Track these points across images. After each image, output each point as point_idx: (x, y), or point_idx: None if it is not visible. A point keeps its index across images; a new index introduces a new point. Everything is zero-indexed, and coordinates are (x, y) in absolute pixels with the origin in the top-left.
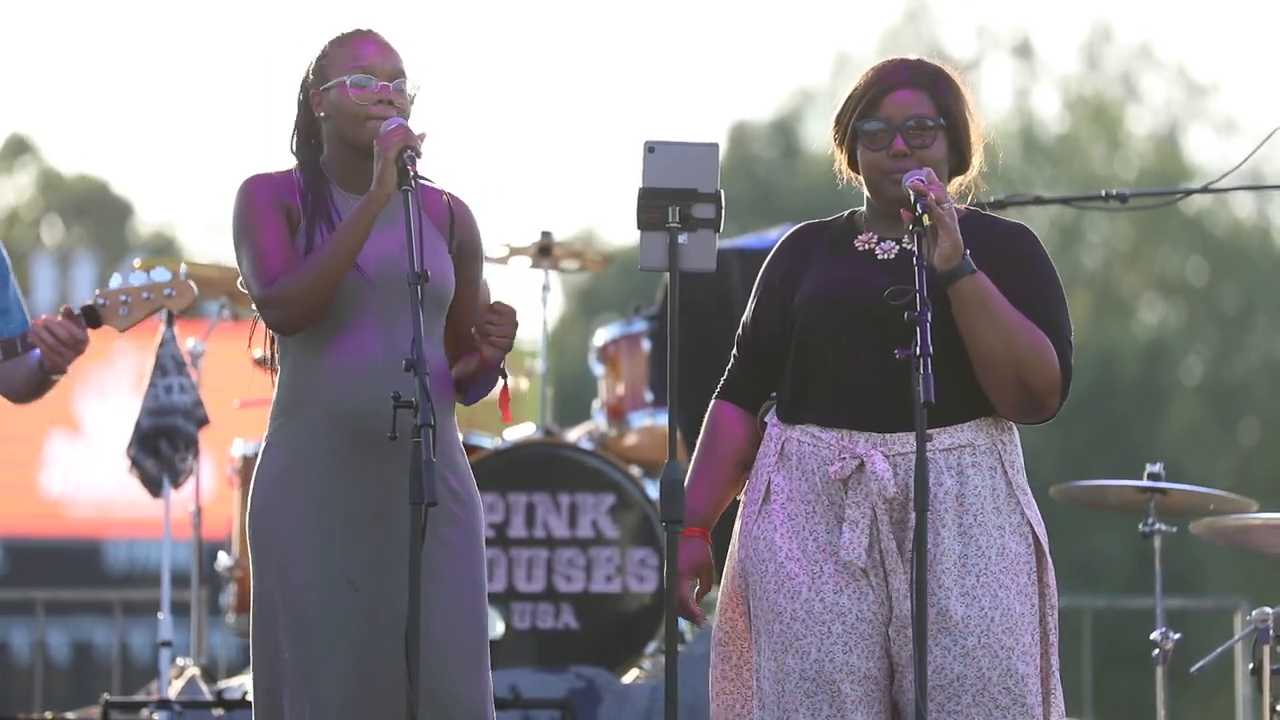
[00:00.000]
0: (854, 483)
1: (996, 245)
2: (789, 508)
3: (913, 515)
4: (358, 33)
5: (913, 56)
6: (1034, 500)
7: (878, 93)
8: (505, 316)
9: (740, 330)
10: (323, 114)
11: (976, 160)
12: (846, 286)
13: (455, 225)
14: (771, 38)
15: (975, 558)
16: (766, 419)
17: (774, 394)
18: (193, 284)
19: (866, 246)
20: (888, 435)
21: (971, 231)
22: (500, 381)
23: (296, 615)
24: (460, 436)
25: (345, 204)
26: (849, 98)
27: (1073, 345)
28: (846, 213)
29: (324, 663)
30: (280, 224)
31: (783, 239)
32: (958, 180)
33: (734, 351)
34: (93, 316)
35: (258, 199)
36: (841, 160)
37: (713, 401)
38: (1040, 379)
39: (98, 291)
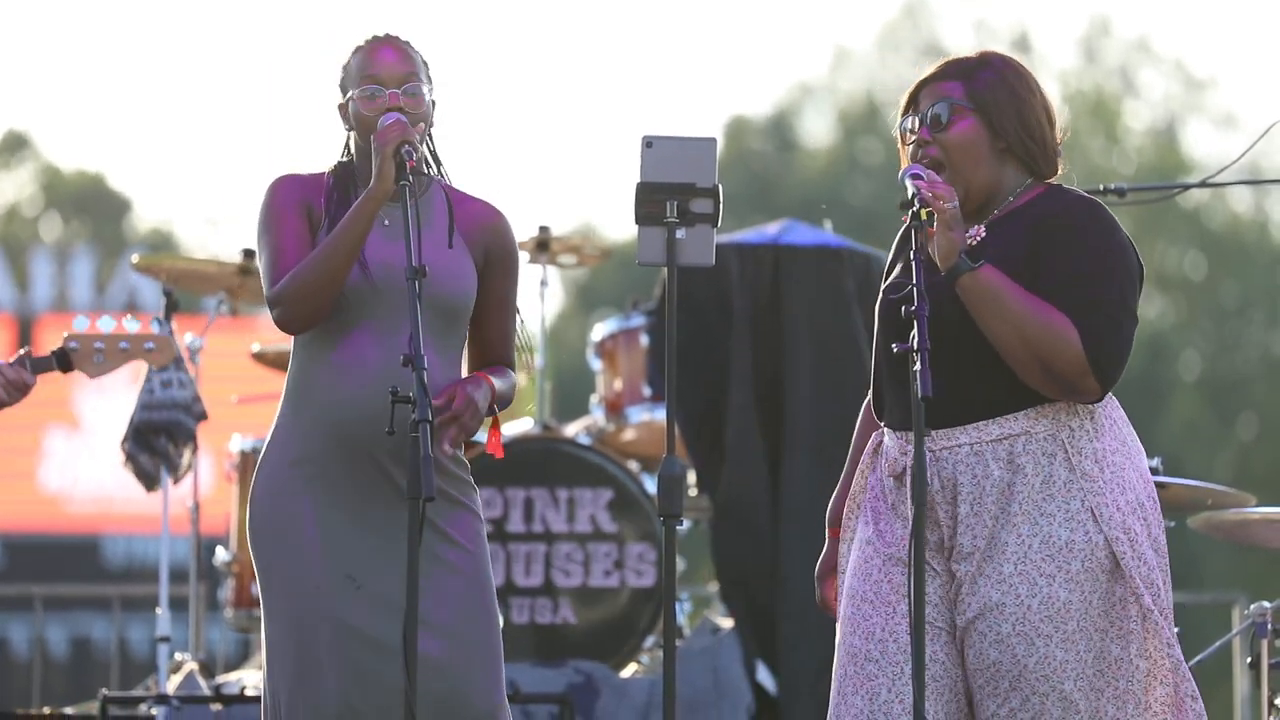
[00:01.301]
0: (903, 483)
1: (1057, 223)
2: (873, 505)
3: (961, 509)
4: (374, 40)
5: (973, 53)
6: (1116, 485)
7: (914, 90)
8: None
9: None
10: (348, 126)
11: (1052, 148)
12: (895, 282)
13: (483, 234)
14: (769, 32)
15: (1014, 546)
16: None
17: None
18: (175, 342)
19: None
20: (935, 431)
21: (1035, 210)
22: (490, 420)
23: (304, 614)
24: None
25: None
26: (903, 98)
27: (1118, 320)
28: None
29: (325, 663)
30: (299, 223)
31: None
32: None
33: None
34: (64, 360)
35: (281, 198)
36: (903, 160)
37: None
38: (1061, 362)
39: (67, 334)
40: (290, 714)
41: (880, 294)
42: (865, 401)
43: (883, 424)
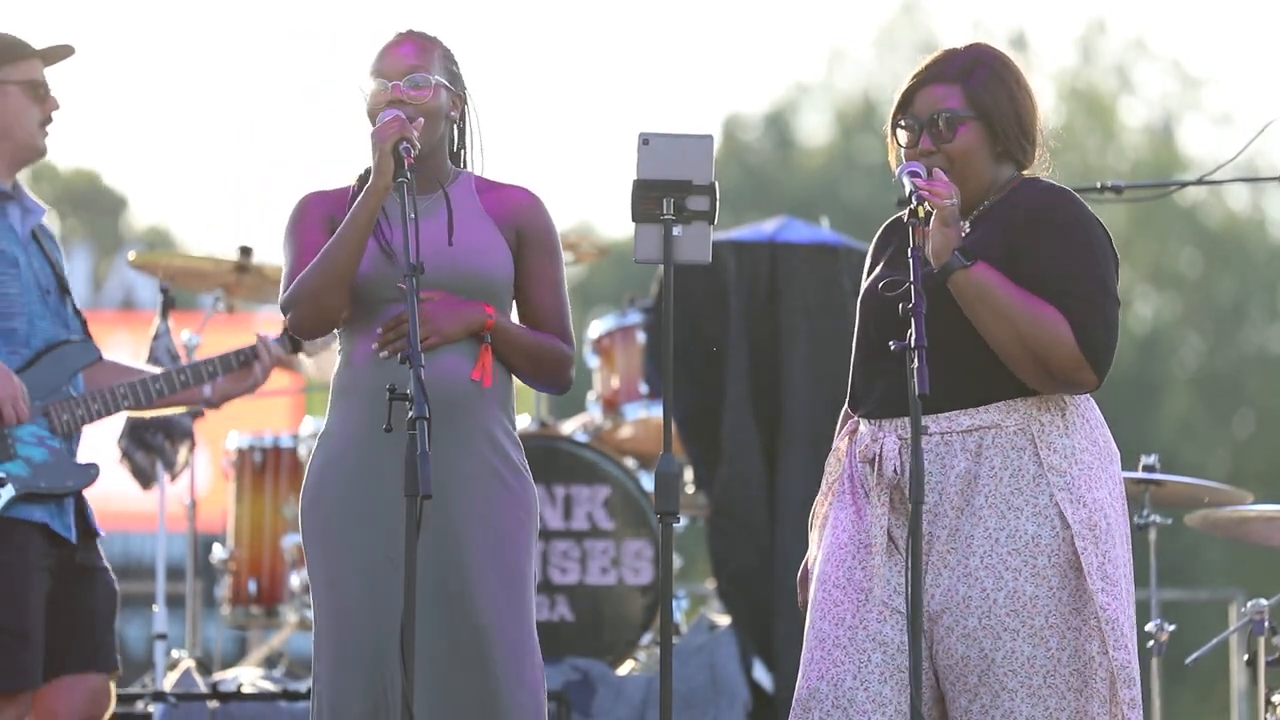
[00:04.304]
0: (875, 468)
1: (1032, 215)
2: (841, 498)
3: (925, 498)
4: (394, 37)
5: (961, 45)
6: (1084, 482)
7: (910, 89)
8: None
9: None
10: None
11: (1037, 141)
12: (890, 279)
13: (515, 215)
14: (766, 30)
15: (980, 539)
16: None
17: None
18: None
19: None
20: (907, 418)
21: (1009, 202)
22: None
23: (339, 600)
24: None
25: (393, 207)
26: (896, 95)
27: (1105, 308)
28: None
29: (357, 655)
30: (319, 237)
31: (876, 236)
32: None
33: None
34: (296, 345)
35: (305, 214)
36: (892, 157)
37: None
38: (1057, 357)
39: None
40: (331, 706)
41: (863, 287)
42: (844, 409)
43: (857, 414)
